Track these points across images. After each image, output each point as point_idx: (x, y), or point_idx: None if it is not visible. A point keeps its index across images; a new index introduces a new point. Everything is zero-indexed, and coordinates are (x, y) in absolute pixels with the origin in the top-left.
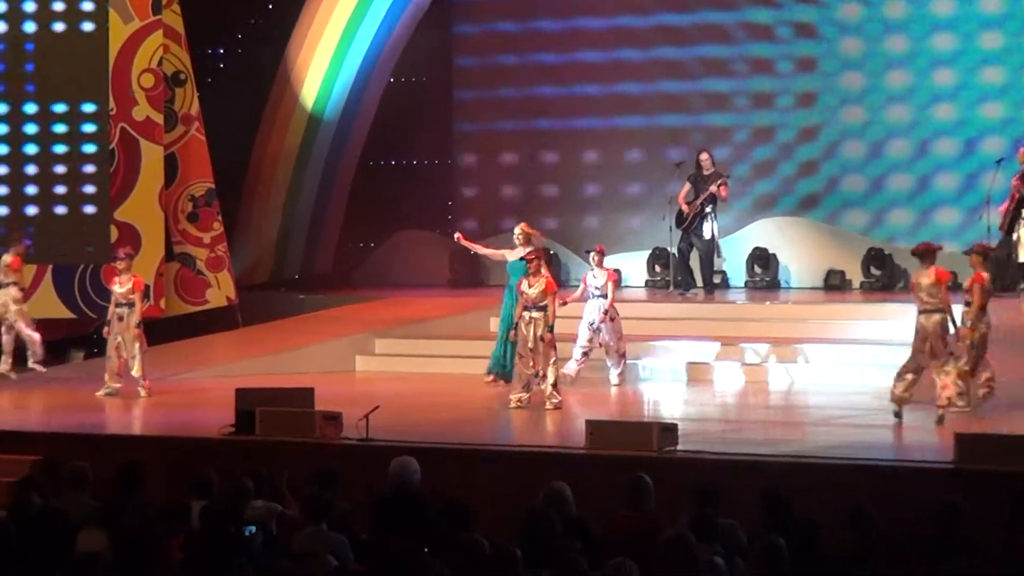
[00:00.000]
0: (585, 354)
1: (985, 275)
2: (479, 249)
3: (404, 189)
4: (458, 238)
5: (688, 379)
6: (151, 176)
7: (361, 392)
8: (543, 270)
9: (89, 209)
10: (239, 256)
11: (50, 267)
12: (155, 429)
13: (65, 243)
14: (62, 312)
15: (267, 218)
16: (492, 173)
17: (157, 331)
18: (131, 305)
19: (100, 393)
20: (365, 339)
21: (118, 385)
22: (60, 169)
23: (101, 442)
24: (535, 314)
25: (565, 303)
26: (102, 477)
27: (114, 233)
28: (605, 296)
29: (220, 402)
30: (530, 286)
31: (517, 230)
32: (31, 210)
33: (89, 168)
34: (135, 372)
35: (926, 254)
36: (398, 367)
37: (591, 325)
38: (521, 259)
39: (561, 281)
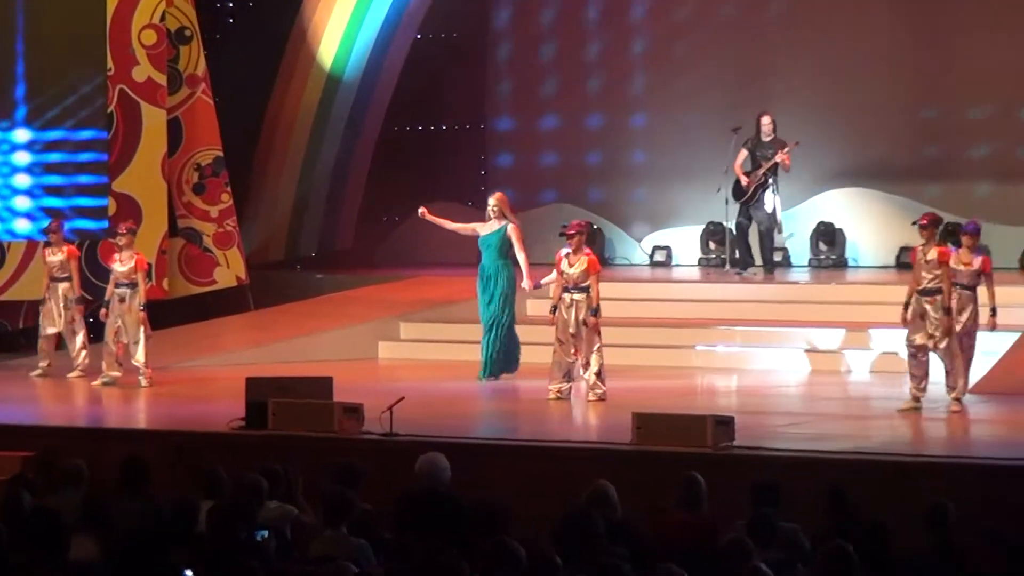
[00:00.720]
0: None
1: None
2: (446, 224)
3: (432, 157)
4: (422, 213)
5: (745, 367)
6: (153, 143)
7: (384, 382)
8: (584, 247)
9: (85, 179)
10: (250, 232)
11: (41, 243)
12: (158, 422)
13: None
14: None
15: (281, 189)
16: (530, 139)
17: (160, 314)
18: (133, 285)
19: (97, 383)
20: (389, 323)
21: (117, 374)
22: (53, 136)
23: (99, 436)
24: (576, 296)
25: (538, 285)
26: (100, 475)
27: (112, 206)
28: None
29: (229, 393)
30: (571, 265)
31: (492, 201)
32: (21, 179)
33: (85, 134)
34: (137, 359)
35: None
36: (425, 354)
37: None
38: (494, 234)
39: (605, 259)
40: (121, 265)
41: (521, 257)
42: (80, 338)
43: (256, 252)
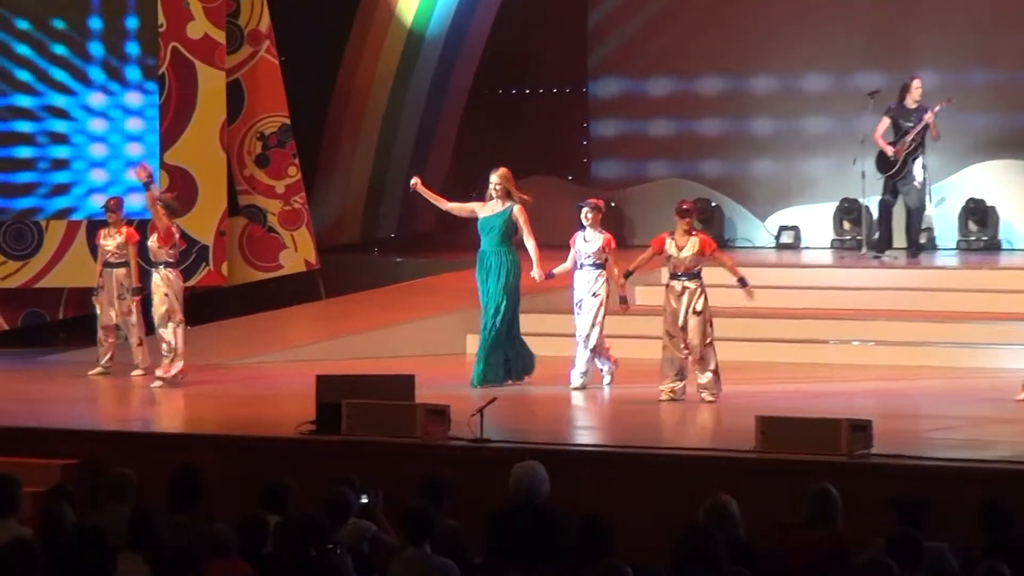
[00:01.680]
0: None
1: None
2: (441, 203)
3: (527, 125)
4: (414, 185)
5: (884, 364)
6: (210, 109)
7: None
8: (694, 228)
9: (133, 149)
10: (321, 210)
11: (84, 223)
12: (216, 426)
13: (103, 193)
14: (97, 279)
15: (356, 162)
16: (637, 104)
17: (219, 304)
18: (125, 264)
19: (93, 373)
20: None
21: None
22: (97, 100)
23: (149, 443)
24: (688, 283)
25: (551, 274)
26: (149, 487)
27: (164, 180)
28: (599, 266)
29: (297, 393)
30: (679, 248)
31: (495, 178)
32: (60, 152)
33: (133, 98)
34: (135, 358)
35: None
36: None
37: (578, 303)
38: (496, 216)
39: (724, 241)
40: (110, 240)
41: (530, 243)
42: (138, 332)
43: (327, 233)
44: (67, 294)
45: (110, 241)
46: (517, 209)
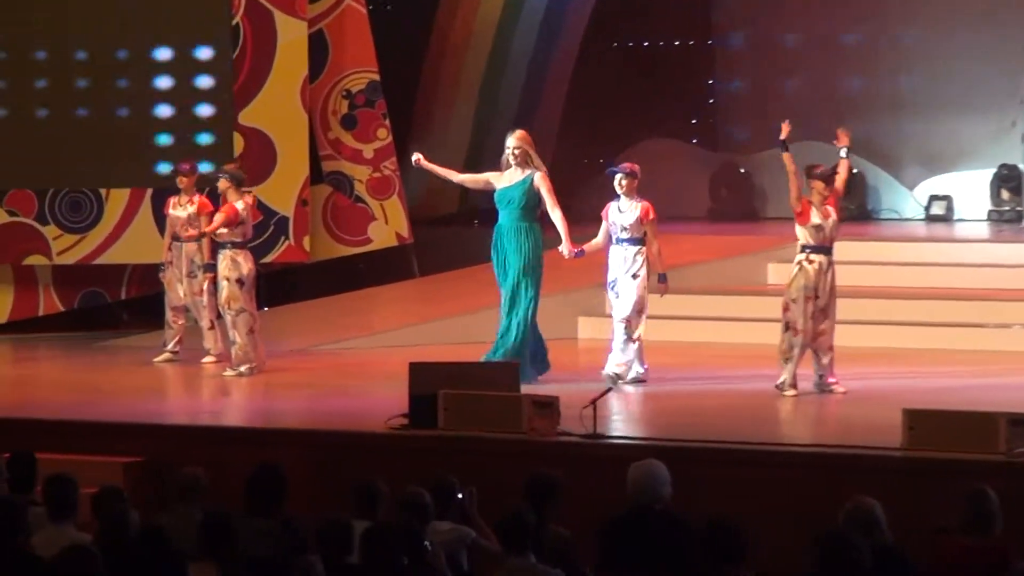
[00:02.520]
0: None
1: None
2: (452, 176)
3: (646, 82)
4: (417, 161)
5: None
6: (290, 64)
7: (586, 369)
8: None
9: (204, 110)
10: (414, 177)
11: (149, 192)
12: (298, 420)
13: (170, 157)
14: (165, 254)
15: (454, 123)
16: (769, 59)
17: (300, 282)
18: (198, 238)
19: (159, 360)
20: (591, 294)
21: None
22: (163, 55)
23: (222, 438)
24: (829, 257)
25: (580, 252)
26: (223, 487)
27: (239, 143)
28: (637, 242)
29: (387, 383)
30: (825, 216)
31: (513, 142)
32: (121, 112)
33: (204, 53)
34: (206, 343)
35: None
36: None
37: (612, 285)
38: (516, 187)
39: (868, 213)
40: (180, 209)
41: (556, 215)
42: (209, 315)
43: (422, 203)
44: (130, 271)
45: (180, 211)
46: (539, 176)
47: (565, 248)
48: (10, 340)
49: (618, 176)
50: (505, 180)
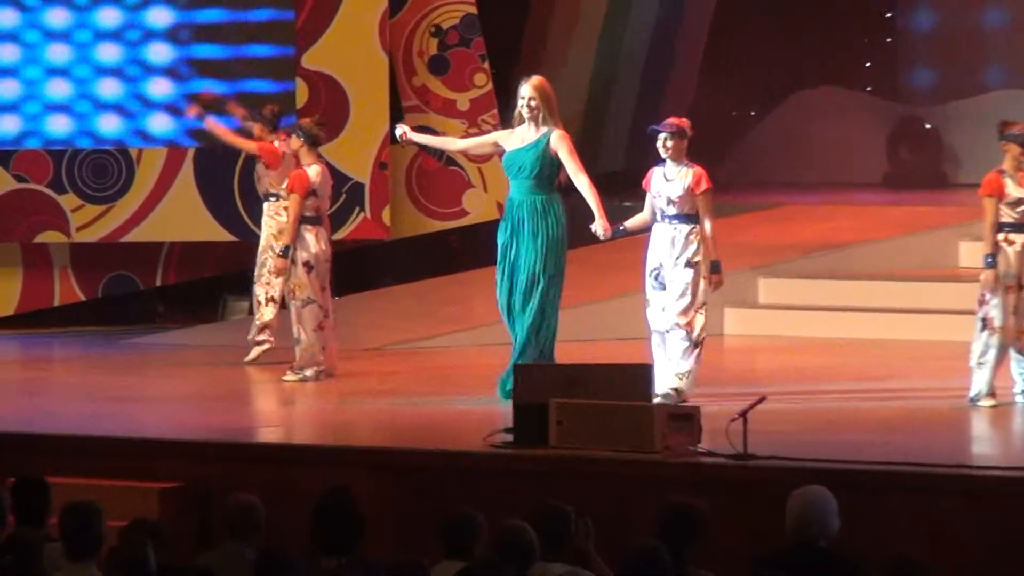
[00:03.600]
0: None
1: None
2: (448, 145)
3: (809, 19)
4: (402, 136)
5: None
6: None
7: (734, 372)
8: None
9: (259, 51)
10: None
11: (190, 152)
12: (374, 436)
13: (217, 109)
14: (212, 231)
15: (570, 68)
16: None
17: (378, 264)
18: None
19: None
20: (741, 280)
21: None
22: None
23: (282, 459)
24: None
25: (620, 230)
26: (282, 519)
27: (302, 91)
28: (688, 219)
29: (485, 390)
30: (1020, 184)
31: (528, 91)
32: (159, 51)
33: None
34: (254, 335)
35: None
36: (797, 328)
37: (655, 274)
38: (529, 148)
39: None
40: (271, 171)
41: (583, 182)
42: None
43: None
44: (167, 251)
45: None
46: (557, 135)
47: (599, 225)
48: (18, 337)
49: (662, 136)
50: (516, 140)
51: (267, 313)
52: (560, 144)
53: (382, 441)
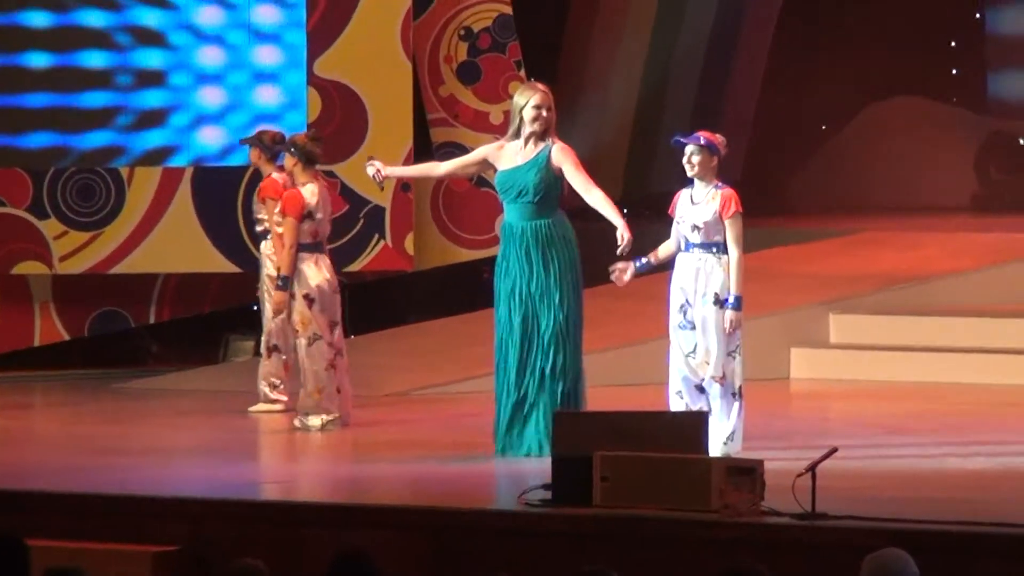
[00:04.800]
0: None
1: None
2: (432, 171)
3: (881, 25)
4: (376, 174)
5: None
6: None
7: (801, 421)
8: None
9: (266, 56)
10: None
11: (189, 171)
12: (396, 493)
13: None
14: (212, 261)
15: (617, 77)
16: None
17: (402, 299)
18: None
19: (253, 409)
20: (810, 315)
21: (282, 398)
22: None
23: (290, 518)
24: None
25: (644, 264)
26: None
27: (315, 102)
28: (716, 247)
29: None
30: None
31: (540, 98)
32: (153, 58)
33: None
34: (261, 382)
35: None
36: (873, 371)
37: (681, 311)
38: (529, 166)
39: None
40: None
41: (595, 196)
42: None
43: (568, 188)
44: (161, 284)
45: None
46: (559, 149)
47: (623, 234)
48: None
49: (689, 150)
50: (509, 158)
51: (269, 365)
52: (564, 158)
53: (404, 499)
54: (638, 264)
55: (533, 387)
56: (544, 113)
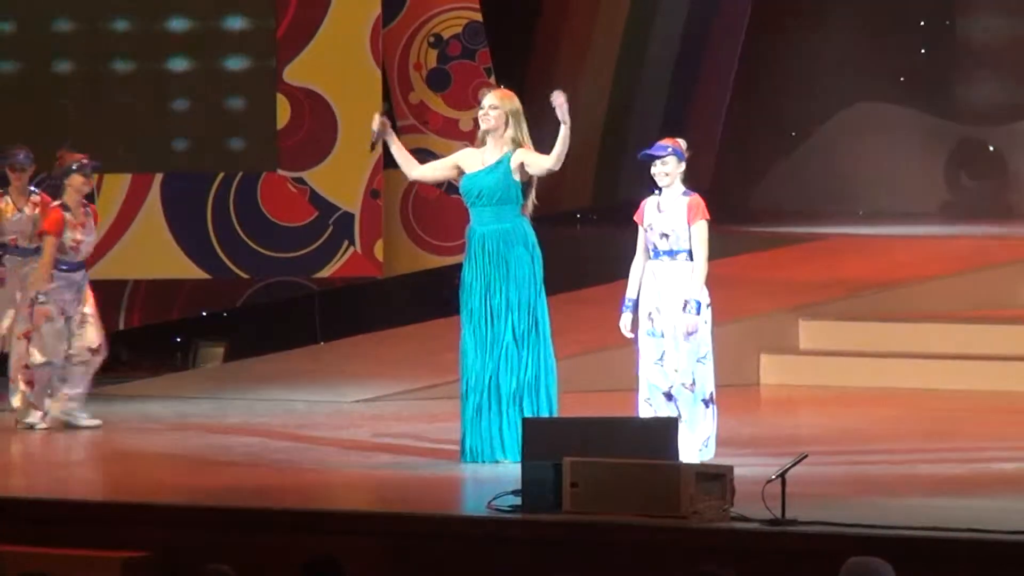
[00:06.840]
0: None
1: None
2: (410, 167)
3: (852, 27)
4: (382, 125)
5: None
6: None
7: (771, 427)
8: None
9: (235, 63)
10: None
11: (158, 178)
12: (361, 498)
13: (188, 131)
14: (182, 268)
15: (586, 85)
16: None
17: (372, 306)
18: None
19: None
20: (779, 321)
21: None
22: None
23: (258, 523)
24: None
25: (632, 302)
26: None
27: (283, 109)
28: (684, 255)
29: None
30: None
31: (490, 99)
32: (121, 65)
33: None
34: (14, 400)
35: None
36: (842, 376)
37: (650, 317)
38: (492, 170)
39: None
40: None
41: (551, 154)
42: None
43: (543, 194)
44: (131, 290)
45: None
46: (520, 152)
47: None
48: None
49: (660, 161)
50: (475, 161)
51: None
52: (522, 155)
53: (373, 505)
54: (626, 308)
55: (498, 392)
56: (490, 112)
